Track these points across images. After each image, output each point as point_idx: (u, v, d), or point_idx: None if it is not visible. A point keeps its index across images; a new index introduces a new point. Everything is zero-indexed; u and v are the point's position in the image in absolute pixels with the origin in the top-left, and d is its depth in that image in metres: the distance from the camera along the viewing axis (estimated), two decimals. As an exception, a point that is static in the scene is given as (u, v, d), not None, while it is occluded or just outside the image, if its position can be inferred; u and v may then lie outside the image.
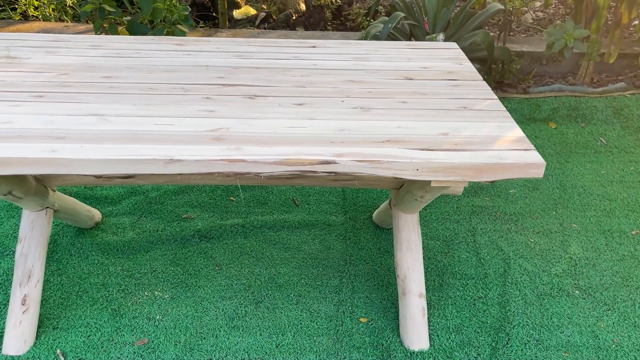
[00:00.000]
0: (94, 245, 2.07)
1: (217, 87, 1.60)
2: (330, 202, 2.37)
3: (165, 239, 2.12)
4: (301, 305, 1.85)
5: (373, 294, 1.91)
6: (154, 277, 1.94)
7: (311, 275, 1.98)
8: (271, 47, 1.90)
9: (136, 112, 1.44)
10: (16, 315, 1.66)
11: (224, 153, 1.28)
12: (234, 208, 2.31)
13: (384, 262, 2.04)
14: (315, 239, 2.16)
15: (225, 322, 1.78)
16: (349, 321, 1.80)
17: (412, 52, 1.90)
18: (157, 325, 1.76)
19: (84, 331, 1.72)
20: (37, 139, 1.29)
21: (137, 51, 1.80)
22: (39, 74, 1.61)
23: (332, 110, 1.50)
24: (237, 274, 1.98)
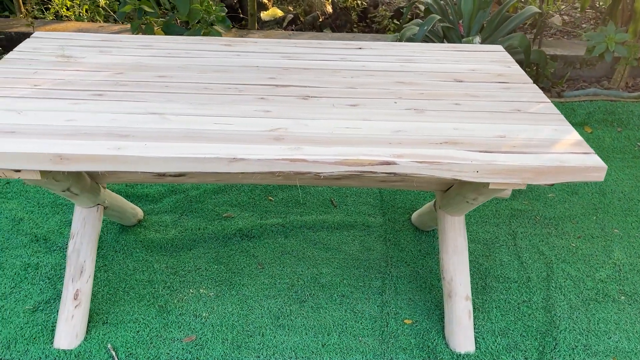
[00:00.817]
0: (138, 243, 2.09)
1: (270, 87, 1.61)
2: (368, 203, 2.37)
3: (207, 237, 2.14)
4: (345, 306, 1.86)
5: (416, 296, 1.91)
6: (198, 274, 1.97)
7: (353, 275, 1.99)
8: (318, 49, 1.91)
9: (194, 112, 1.46)
10: (68, 310, 1.69)
11: (285, 153, 1.29)
12: (273, 208, 2.33)
13: (425, 265, 2.04)
14: (355, 239, 2.16)
15: (270, 320, 1.79)
16: (393, 322, 1.80)
17: (458, 55, 1.90)
18: (204, 322, 1.78)
19: (133, 327, 1.75)
20: (101, 137, 1.32)
21: (187, 51, 1.83)
22: (96, 73, 1.64)
23: (386, 111, 1.51)
24: (279, 273, 1.99)
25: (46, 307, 1.80)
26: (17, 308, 1.79)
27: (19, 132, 1.31)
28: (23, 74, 1.61)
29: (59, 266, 1.97)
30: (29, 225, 2.15)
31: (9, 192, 2.35)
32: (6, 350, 1.65)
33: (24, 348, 1.66)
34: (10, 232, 2.11)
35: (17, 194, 2.33)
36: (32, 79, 1.58)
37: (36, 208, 2.26)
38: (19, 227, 2.14)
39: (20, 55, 1.73)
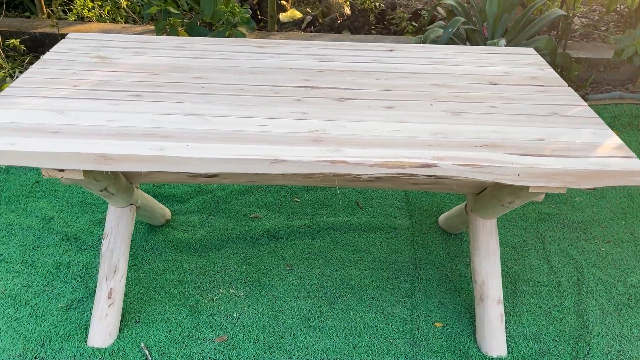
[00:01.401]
0: (167, 243, 2.11)
1: (305, 89, 1.62)
2: (394, 205, 2.37)
3: (235, 237, 2.15)
4: (375, 308, 1.86)
5: (446, 299, 1.90)
6: (227, 275, 1.97)
7: (381, 278, 1.98)
8: (349, 51, 1.91)
9: (232, 113, 1.47)
10: (102, 309, 1.70)
11: (325, 154, 1.30)
12: (299, 209, 2.33)
13: (454, 268, 2.04)
14: (382, 242, 2.16)
15: (301, 321, 1.80)
16: (424, 325, 1.79)
17: (490, 57, 1.90)
18: (235, 322, 1.78)
19: (165, 326, 1.76)
20: (143, 137, 1.33)
21: (221, 52, 1.84)
22: (132, 74, 1.65)
23: (423, 113, 1.51)
24: (308, 274, 1.99)
25: (79, 306, 1.82)
26: (50, 306, 1.81)
27: (63, 132, 1.33)
28: (62, 74, 1.63)
29: (90, 265, 1.99)
30: (59, 224, 2.17)
31: (38, 191, 2.37)
32: (41, 347, 1.67)
33: (58, 346, 1.68)
34: (41, 231, 2.13)
35: (47, 193, 2.36)
36: (71, 79, 1.60)
37: (65, 207, 2.28)
38: (50, 226, 2.16)
39: (57, 56, 1.75)
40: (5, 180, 2.43)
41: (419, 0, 5.79)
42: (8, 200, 2.30)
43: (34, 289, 1.87)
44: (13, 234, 2.12)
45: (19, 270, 1.95)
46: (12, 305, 1.81)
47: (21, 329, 1.72)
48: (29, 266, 1.97)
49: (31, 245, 2.07)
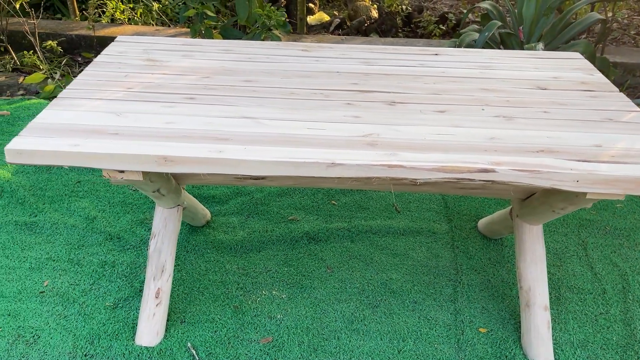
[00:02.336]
0: (208, 243, 2.13)
1: (354, 93, 1.62)
2: (432, 209, 2.36)
3: (275, 239, 2.16)
4: (418, 312, 1.85)
5: (489, 305, 1.89)
6: (269, 276, 1.99)
7: (423, 282, 1.98)
8: (394, 54, 1.91)
9: (285, 116, 1.48)
10: (150, 308, 1.72)
11: (382, 158, 1.30)
12: (337, 212, 2.34)
13: (496, 273, 2.02)
14: (421, 246, 2.15)
15: (344, 324, 1.80)
16: (469, 331, 1.78)
17: (537, 62, 1.88)
18: (279, 324, 1.79)
19: (210, 326, 1.77)
20: (200, 140, 1.35)
21: (267, 56, 1.85)
22: (183, 77, 1.67)
23: (475, 118, 1.50)
24: (349, 277, 1.99)
25: (125, 305, 1.85)
26: (97, 304, 1.84)
27: (122, 134, 1.35)
28: (115, 77, 1.65)
29: (134, 264, 2.02)
30: (102, 223, 2.20)
31: (80, 191, 2.41)
32: (90, 345, 1.70)
33: (107, 344, 1.70)
34: (85, 230, 2.17)
35: (88, 193, 2.40)
36: (124, 81, 1.63)
37: (107, 207, 2.31)
38: (93, 225, 2.20)
39: (109, 59, 1.78)
40: (48, 180, 2.48)
41: (445, 4, 5.77)
42: (52, 200, 2.34)
43: (81, 288, 1.91)
44: (58, 232, 2.16)
45: (66, 268, 1.99)
46: (60, 303, 1.84)
47: (70, 327, 1.76)
48: (75, 265, 2.00)
49: (76, 244, 2.10)
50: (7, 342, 1.70)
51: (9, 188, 2.38)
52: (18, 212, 2.25)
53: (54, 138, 1.32)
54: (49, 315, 1.80)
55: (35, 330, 1.74)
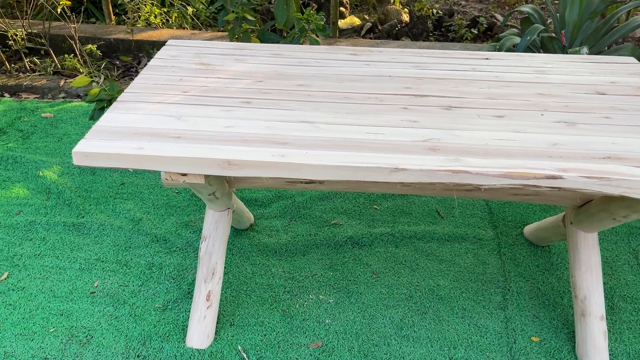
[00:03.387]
0: (253, 247, 2.13)
1: (409, 97, 1.61)
2: (476, 215, 2.33)
3: (319, 243, 2.16)
4: (467, 320, 1.83)
5: (541, 313, 1.85)
6: (315, 280, 1.98)
7: (471, 289, 1.95)
8: (443, 58, 1.90)
9: (342, 120, 1.47)
10: (201, 310, 1.73)
11: (445, 164, 1.29)
12: (379, 216, 2.32)
13: (545, 281, 1.99)
14: (467, 252, 2.13)
15: (394, 330, 1.78)
16: (521, 339, 1.75)
17: (591, 67, 1.85)
18: (328, 329, 1.79)
19: (260, 330, 1.78)
20: (261, 144, 1.35)
21: (317, 60, 1.85)
22: (238, 81, 1.68)
23: (535, 123, 1.48)
24: (395, 283, 1.98)
25: (174, 306, 1.86)
26: (147, 306, 1.86)
27: (184, 137, 1.36)
28: (170, 80, 1.67)
29: (181, 267, 2.03)
30: (147, 225, 2.23)
31: (124, 193, 2.44)
32: (142, 346, 1.71)
33: (159, 345, 1.72)
34: (131, 232, 2.19)
35: (132, 195, 2.42)
36: (180, 85, 1.64)
37: (152, 209, 2.34)
38: (139, 227, 2.22)
39: (162, 63, 1.80)
40: (92, 181, 2.51)
41: (474, 8, 5.72)
42: (97, 201, 2.37)
43: (130, 289, 1.92)
44: (105, 234, 2.18)
45: (115, 269, 2.01)
46: (111, 303, 1.86)
47: (122, 327, 1.77)
48: (123, 266, 2.02)
49: (123, 245, 2.13)
50: (61, 341, 1.72)
51: (56, 189, 2.42)
52: (65, 213, 2.29)
53: (118, 141, 1.34)
54: (100, 315, 1.82)
55: (88, 330, 1.76)
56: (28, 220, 2.23)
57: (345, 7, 5.12)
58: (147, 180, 2.53)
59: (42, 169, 2.56)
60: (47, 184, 2.45)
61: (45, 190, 2.43)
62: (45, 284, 1.93)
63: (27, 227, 2.20)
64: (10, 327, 1.76)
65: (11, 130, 2.92)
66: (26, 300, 1.86)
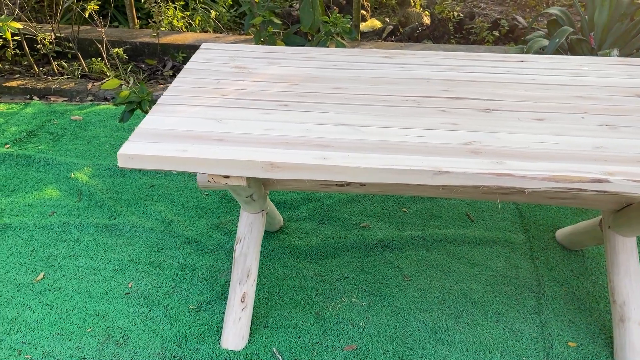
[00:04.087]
0: (284, 249, 2.14)
1: (447, 100, 1.61)
2: (506, 218, 2.31)
3: (349, 246, 2.15)
4: (502, 324, 1.81)
5: (577, 318, 1.83)
6: (347, 283, 1.98)
7: (504, 293, 1.94)
8: (477, 61, 1.89)
9: (380, 123, 1.47)
10: (236, 312, 1.74)
11: (489, 167, 1.28)
12: (409, 219, 2.32)
13: (580, 285, 1.96)
14: (499, 256, 2.11)
15: (428, 334, 1.78)
16: (558, 344, 1.73)
17: (628, 69, 1.83)
18: (362, 332, 1.78)
19: (294, 332, 1.78)
20: (302, 146, 1.36)
21: (351, 63, 1.86)
22: (273, 84, 1.69)
23: (576, 126, 1.46)
24: (428, 286, 1.97)
25: (208, 308, 1.87)
26: (181, 307, 1.87)
27: (226, 140, 1.37)
28: (208, 83, 1.69)
29: (213, 268, 2.04)
30: (179, 227, 2.24)
31: (154, 195, 2.47)
32: (178, 347, 1.73)
33: (194, 346, 1.73)
34: (163, 234, 2.21)
35: (162, 197, 2.45)
36: (217, 88, 1.65)
37: (182, 211, 2.36)
38: (170, 228, 2.24)
39: (198, 66, 1.81)
40: (123, 183, 2.54)
41: (494, 10, 5.69)
42: (128, 203, 2.40)
43: (164, 290, 1.94)
44: (137, 235, 2.21)
45: (148, 271, 2.03)
46: (145, 304, 1.88)
47: (157, 328, 1.79)
48: (156, 267, 2.04)
49: (155, 247, 2.15)
50: (98, 341, 1.74)
51: (87, 191, 2.45)
52: (98, 215, 2.32)
53: (161, 143, 1.35)
54: (135, 316, 1.83)
55: (124, 330, 1.78)
56: (61, 221, 2.26)
57: (366, 10, 5.12)
58: (176, 182, 2.55)
59: (74, 170, 2.60)
60: (78, 186, 2.49)
61: (77, 191, 2.47)
62: (81, 284, 1.96)
63: (60, 228, 2.23)
64: (48, 327, 1.79)
65: (42, 133, 2.97)
66: (63, 301, 1.89)
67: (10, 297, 1.90)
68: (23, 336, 1.76)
